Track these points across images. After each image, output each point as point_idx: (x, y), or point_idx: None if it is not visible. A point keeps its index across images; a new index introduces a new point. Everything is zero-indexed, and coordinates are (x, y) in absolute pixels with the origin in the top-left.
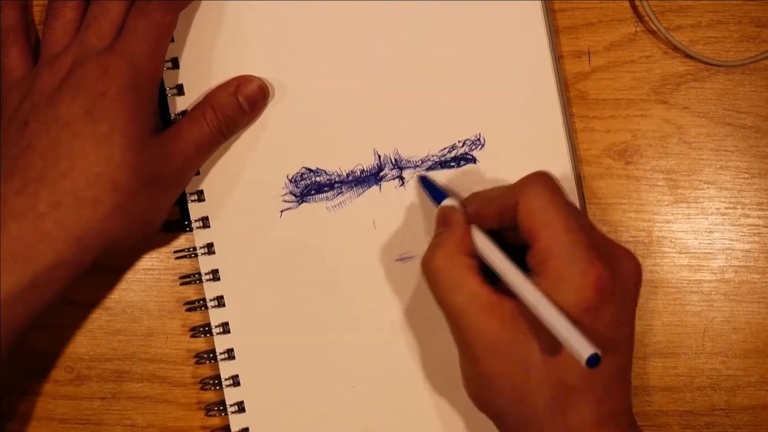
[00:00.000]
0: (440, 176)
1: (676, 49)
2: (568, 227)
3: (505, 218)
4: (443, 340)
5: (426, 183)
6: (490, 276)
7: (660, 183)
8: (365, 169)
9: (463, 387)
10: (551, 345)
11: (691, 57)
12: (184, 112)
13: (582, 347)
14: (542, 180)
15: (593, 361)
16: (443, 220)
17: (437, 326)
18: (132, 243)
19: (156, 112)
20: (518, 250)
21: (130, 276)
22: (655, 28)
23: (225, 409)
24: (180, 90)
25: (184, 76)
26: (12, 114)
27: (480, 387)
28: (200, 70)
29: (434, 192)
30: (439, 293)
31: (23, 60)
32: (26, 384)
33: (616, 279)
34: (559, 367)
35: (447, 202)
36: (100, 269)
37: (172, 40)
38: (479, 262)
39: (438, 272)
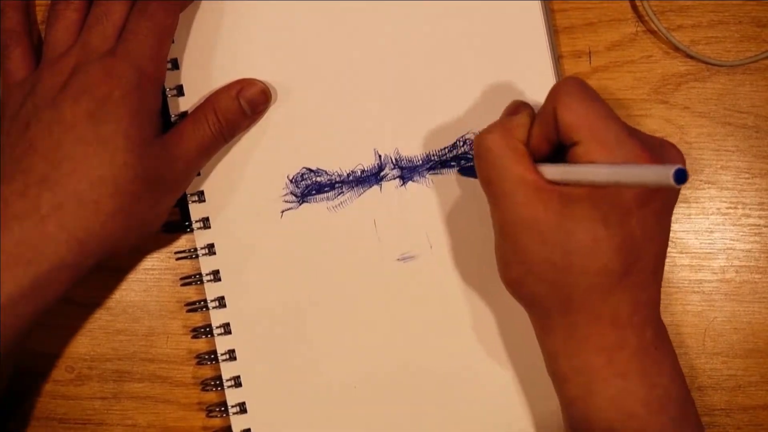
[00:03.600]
0: (442, 177)
1: (676, 49)
2: (607, 114)
3: (550, 134)
4: (444, 341)
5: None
6: None
7: None
8: (366, 169)
9: (463, 388)
10: (597, 234)
11: (691, 57)
12: (184, 113)
13: (663, 170)
14: (571, 80)
15: (680, 174)
16: (511, 109)
17: (438, 326)
18: (132, 244)
19: (158, 114)
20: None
21: (131, 276)
22: (656, 28)
23: (226, 410)
24: (180, 91)
25: (184, 77)
26: (14, 115)
27: (520, 271)
28: (200, 71)
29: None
30: (487, 171)
31: (25, 62)
32: (27, 384)
33: (663, 162)
34: (602, 254)
35: (517, 100)
36: (101, 269)
37: (173, 41)
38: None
39: (490, 149)
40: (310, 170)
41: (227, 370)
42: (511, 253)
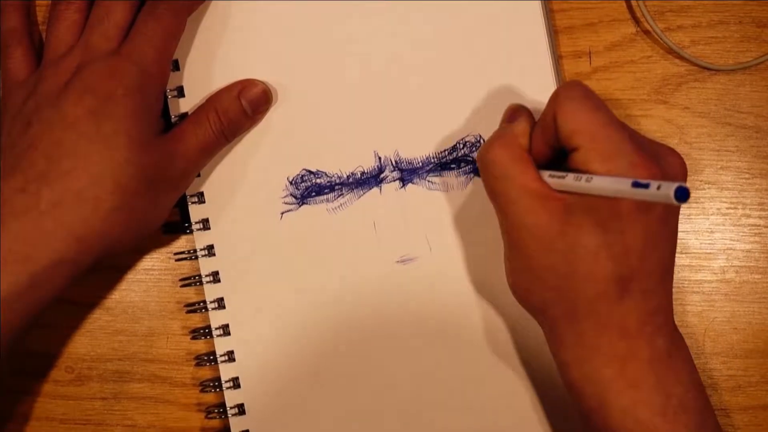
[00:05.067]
0: (442, 179)
1: (674, 50)
2: (608, 121)
3: (551, 139)
4: (443, 343)
5: None
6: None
7: None
8: (365, 171)
9: (463, 388)
10: (602, 240)
11: (686, 59)
12: (184, 114)
13: (666, 186)
14: (573, 85)
15: (682, 192)
16: (509, 115)
17: (438, 328)
18: (132, 243)
19: (160, 115)
20: None
21: (130, 276)
22: (652, 30)
23: (225, 411)
24: (180, 92)
25: (185, 79)
26: (15, 114)
27: (527, 279)
28: (201, 73)
29: None
30: (493, 182)
31: (27, 61)
32: (27, 384)
33: (664, 172)
34: (609, 261)
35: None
36: (101, 269)
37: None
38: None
39: (493, 162)
40: (310, 172)
41: (226, 372)
42: (519, 261)
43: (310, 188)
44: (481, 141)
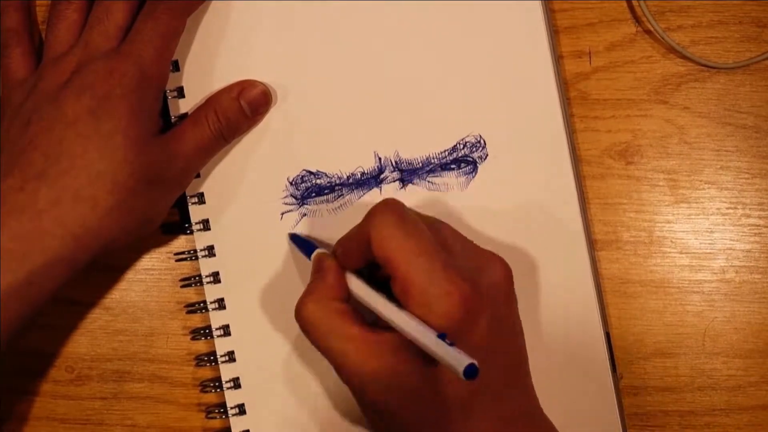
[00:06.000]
0: (442, 180)
1: (675, 49)
2: (420, 251)
3: (367, 253)
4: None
5: (295, 239)
6: (370, 317)
7: (661, 183)
8: (366, 172)
9: None
10: (431, 373)
11: (687, 58)
12: (184, 115)
13: (457, 361)
14: (387, 209)
15: (470, 371)
16: (316, 268)
17: None
18: (129, 242)
19: (159, 115)
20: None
21: (130, 276)
22: (653, 29)
23: (226, 412)
24: (180, 92)
25: (184, 79)
26: (14, 113)
27: (380, 427)
28: (201, 73)
29: (304, 246)
30: (316, 340)
31: (26, 61)
32: (27, 384)
33: (481, 290)
34: (448, 385)
35: (318, 251)
36: (101, 269)
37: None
38: (354, 305)
39: (310, 320)
40: (310, 172)
41: (226, 372)
42: (367, 408)
43: (310, 189)
44: (481, 141)
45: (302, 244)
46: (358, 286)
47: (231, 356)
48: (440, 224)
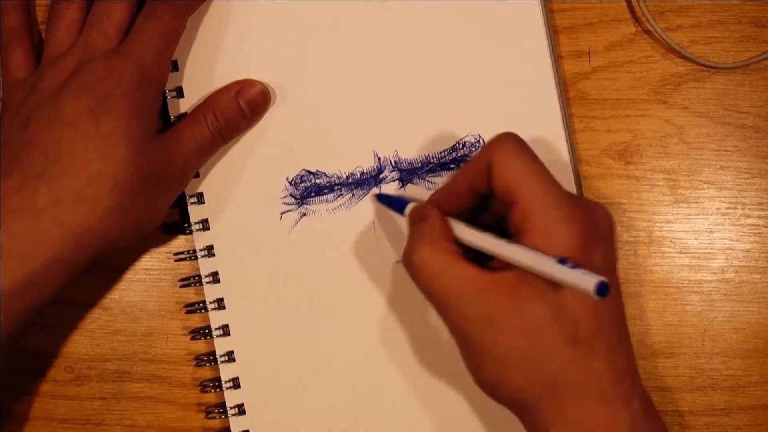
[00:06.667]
0: (441, 180)
1: (674, 49)
2: (544, 178)
3: (477, 185)
4: (444, 342)
5: (384, 199)
6: (477, 259)
7: (660, 183)
8: (365, 171)
9: (464, 388)
10: (555, 305)
11: (687, 58)
12: (183, 115)
13: (587, 279)
14: (513, 138)
15: (602, 288)
16: (417, 217)
17: (438, 328)
18: (129, 242)
19: (159, 115)
20: (494, 230)
21: (130, 276)
22: (652, 29)
23: (225, 412)
24: (180, 92)
25: (184, 79)
26: (14, 113)
27: (492, 371)
28: (200, 73)
29: (396, 203)
30: (428, 284)
31: (26, 60)
32: (26, 384)
33: (596, 224)
34: (567, 323)
35: (413, 203)
36: (100, 269)
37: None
38: (462, 248)
39: (424, 263)
40: (310, 172)
41: (226, 372)
42: (480, 353)
43: (309, 188)
44: (481, 141)
45: (392, 201)
46: (463, 230)
47: (230, 356)
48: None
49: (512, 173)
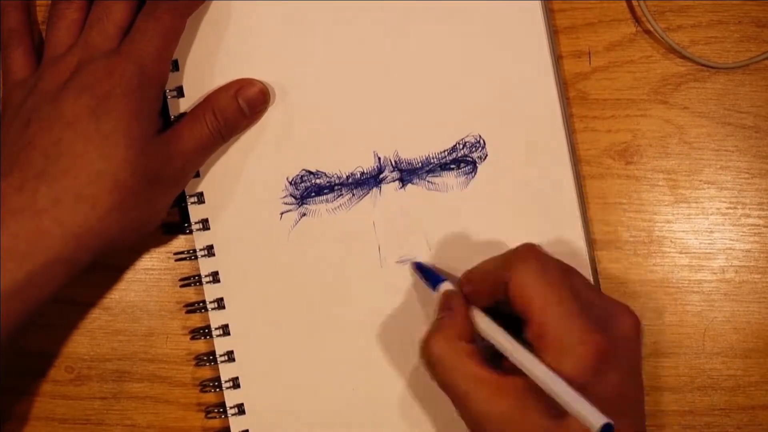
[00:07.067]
0: (441, 179)
1: (675, 49)
2: (560, 300)
3: (498, 293)
4: None
5: (421, 268)
6: (493, 354)
7: (660, 183)
8: (365, 171)
9: None
10: (560, 422)
11: (687, 58)
12: (183, 115)
13: (594, 418)
14: (531, 255)
15: (606, 430)
16: (445, 305)
17: None
18: (129, 242)
19: (159, 114)
20: (515, 321)
21: (130, 276)
22: (653, 29)
23: (225, 411)
24: (180, 92)
25: (184, 79)
26: (15, 113)
27: None
28: (200, 73)
29: (430, 276)
30: (442, 378)
31: (26, 61)
32: (26, 384)
33: (615, 340)
34: None
35: (445, 285)
36: (100, 269)
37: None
38: (481, 344)
39: (438, 357)
40: (310, 172)
41: (226, 372)
42: None
43: (309, 188)
44: (481, 141)
45: (427, 273)
46: (486, 325)
47: (230, 356)
48: (573, 272)
49: (528, 294)
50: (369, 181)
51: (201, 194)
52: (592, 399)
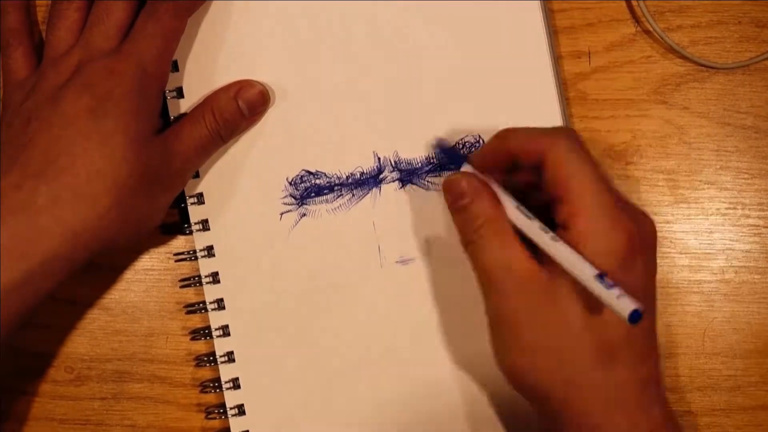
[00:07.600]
0: (441, 180)
1: (674, 49)
2: (597, 178)
3: (522, 161)
4: (444, 342)
5: (444, 147)
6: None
7: (660, 183)
8: (365, 172)
9: (464, 388)
10: (591, 305)
11: (687, 58)
12: (183, 115)
13: (624, 303)
14: (569, 133)
15: (635, 316)
16: (473, 191)
17: (438, 328)
18: (128, 242)
19: (158, 115)
20: (541, 209)
21: (130, 276)
22: (652, 29)
23: (225, 412)
24: (180, 93)
25: (184, 79)
26: (15, 113)
27: (518, 359)
28: (200, 73)
29: (455, 158)
30: (478, 261)
31: (27, 61)
32: (26, 384)
33: (641, 233)
34: (599, 327)
35: (466, 168)
36: (100, 269)
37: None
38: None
39: (479, 239)
40: (310, 172)
41: (226, 372)
42: (509, 341)
43: (309, 189)
44: (481, 141)
45: (450, 154)
46: (515, 215)
47: (230, 356)
48: (605, 170)
49: (567, 168)
50: (369, 181)
51: (201, 195)
52: (620, 284)
